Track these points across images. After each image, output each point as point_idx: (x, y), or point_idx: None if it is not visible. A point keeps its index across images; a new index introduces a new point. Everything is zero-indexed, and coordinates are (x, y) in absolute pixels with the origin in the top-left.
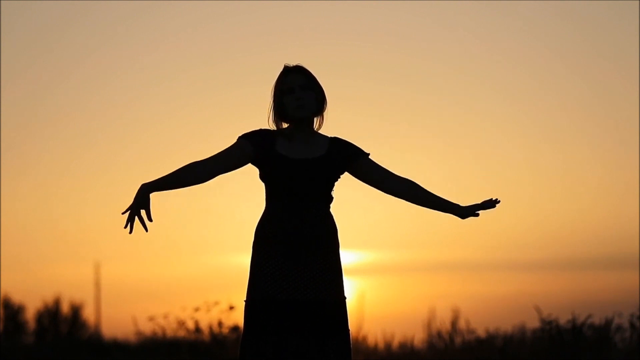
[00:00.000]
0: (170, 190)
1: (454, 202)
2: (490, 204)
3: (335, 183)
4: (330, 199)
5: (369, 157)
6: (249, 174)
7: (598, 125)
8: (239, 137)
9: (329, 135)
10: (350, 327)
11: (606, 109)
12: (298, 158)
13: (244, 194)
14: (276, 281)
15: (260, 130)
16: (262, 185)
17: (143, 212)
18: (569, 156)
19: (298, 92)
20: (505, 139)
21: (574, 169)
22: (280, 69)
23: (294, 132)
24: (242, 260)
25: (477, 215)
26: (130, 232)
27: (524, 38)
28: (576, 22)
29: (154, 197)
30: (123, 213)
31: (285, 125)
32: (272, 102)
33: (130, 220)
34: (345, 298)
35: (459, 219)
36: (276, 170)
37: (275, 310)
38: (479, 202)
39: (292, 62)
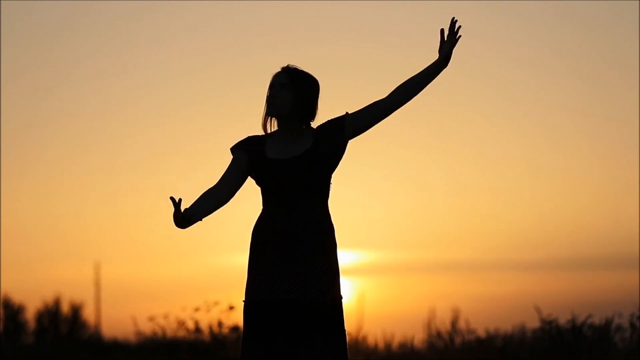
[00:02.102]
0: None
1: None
2: (450, 32)
3: (332, 176)
4: (324, 195)
5: (349, 113)
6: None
7: (598, 125)
8: (231, 149)
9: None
10: (350, 327)
11: (606, 109)
12: (285, 158)
13: (244, 194)
14: (268, 282)
15: (249, 137)
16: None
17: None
18: (569, 156)
19: (274, 90)
20: (505, 139)
21: (574, 169)
22: (279, 69)
23: (282, 133)
24: (242, 260)
25: (449, 41)
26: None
27: (524, 38)
28: (576, 22)
29: (160, 192)
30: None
31: (275, 125)
32: None
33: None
34: (340, 298)
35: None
36: (266, 174)
37: (267, 311)
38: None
39: (292, 63)
